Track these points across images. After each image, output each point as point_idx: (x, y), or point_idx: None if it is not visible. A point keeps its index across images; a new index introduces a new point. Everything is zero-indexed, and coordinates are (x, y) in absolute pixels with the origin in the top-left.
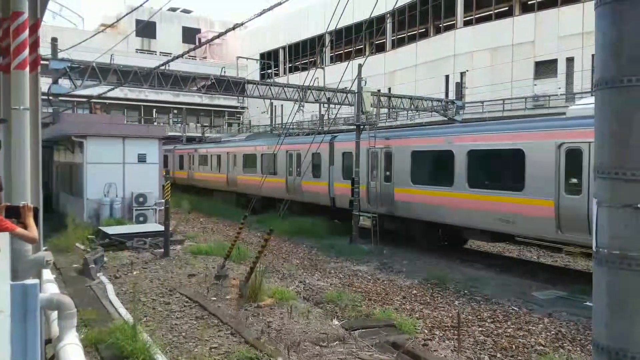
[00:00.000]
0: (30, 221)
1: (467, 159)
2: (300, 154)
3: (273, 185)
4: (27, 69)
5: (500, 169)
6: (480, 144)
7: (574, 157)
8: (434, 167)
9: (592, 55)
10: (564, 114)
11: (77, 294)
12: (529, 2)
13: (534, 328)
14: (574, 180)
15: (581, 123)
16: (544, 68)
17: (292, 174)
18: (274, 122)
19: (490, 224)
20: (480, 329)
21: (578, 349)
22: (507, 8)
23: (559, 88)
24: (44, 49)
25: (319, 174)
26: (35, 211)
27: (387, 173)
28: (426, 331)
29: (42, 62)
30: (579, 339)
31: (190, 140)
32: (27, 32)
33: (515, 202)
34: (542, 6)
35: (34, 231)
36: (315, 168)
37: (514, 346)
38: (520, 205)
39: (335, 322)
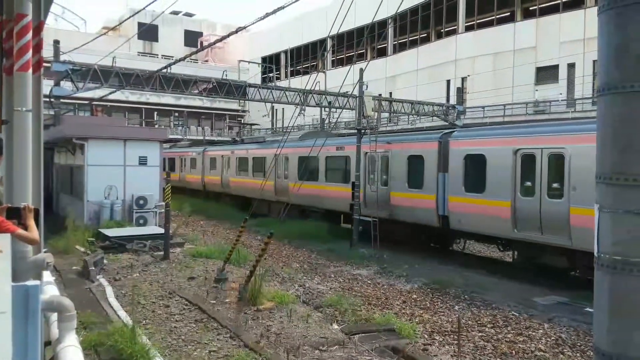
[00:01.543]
0: (31, 222)
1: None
2: (389, 157)
3: (340, 195)
4: (30, 71)
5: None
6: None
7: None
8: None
9: (594, 61)
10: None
11: (76, 296)
12: (531, 8)
13: (534, 333)
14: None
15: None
16: (546, 73)
17: (373, 182)
18: (274, 126)
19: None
20: (480, 334)
21: (578, 354)
22: (508, 14)
23: (560, 94)
24: (47, 51)
25: (420, 183)
26: (36, 212)
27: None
28: (426, 336)
29: (44, 64)
30: (579, 344)
31: (210, 142)
32: (30, 34)
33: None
34: (543, 12)
35: (34, 233)
36: (413, 175)
37: (513, 351)
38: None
39: (335, 326)
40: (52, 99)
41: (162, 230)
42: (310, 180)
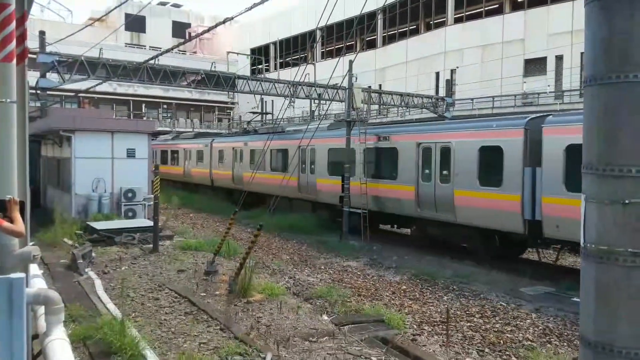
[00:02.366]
0: (17, 215)
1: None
2: (451, 148)
3: (396, 196)
4: (14, 61)
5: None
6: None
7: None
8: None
9: (581, 53)
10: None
11: (65, 289)
12: (519, 0)
13: (521, 323)
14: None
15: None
16: (534, 66)
17: (429, 178)
18: (264, 118)
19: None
20: (468, 324)
21: (565, 344)
22: (497, 6)
23: (549, 85)
24: (32, 43)
25: (497, 180)
26: (22, 205)
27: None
28: (415, 326)
29: (30, 55)
30: (566, 334)
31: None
32: (13, 24)
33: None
34: (531, 4)
35: (20, 225)
36: (486, 170)
37: (501, 341)
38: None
39: (325, 317)
40: (38, 91)
41: (151, 223)
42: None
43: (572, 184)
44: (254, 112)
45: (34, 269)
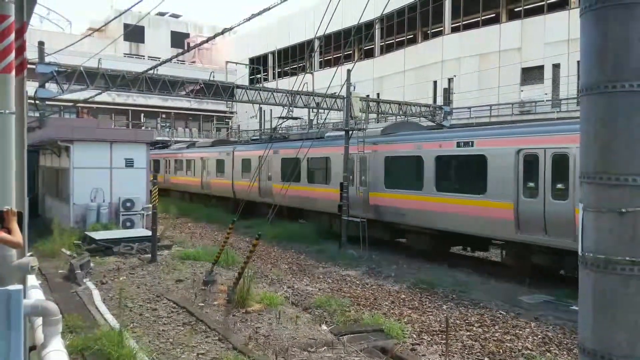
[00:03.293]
0: (14, 226)
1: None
2: (569, 155)
3: (465, 212)
4: (13, 72)
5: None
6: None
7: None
8: None
9: (578, 62)
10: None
11: (62, 300)
12: (516, 9)
13: (520, 332)
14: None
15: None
16: (531, 74)
17: (535, 193)
18: (262, 127)
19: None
20: (468, 333)
21: (564, 352)
22: (494, 15)
23: (546, 94)
24: (31, 53)
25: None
26: (20, 216)
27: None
28: (414, 336)
29: (28, 65)
30: (565, 342)
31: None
32: (13, 35)
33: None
34: (528, 13)
35: (18, 236)
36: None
37: (501, 350)
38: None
39: (324, 327)
40: (36, 101)
41: (149, 233)
42: (409, 189)
43: None
44: (283, 117)
45: (32, 279)
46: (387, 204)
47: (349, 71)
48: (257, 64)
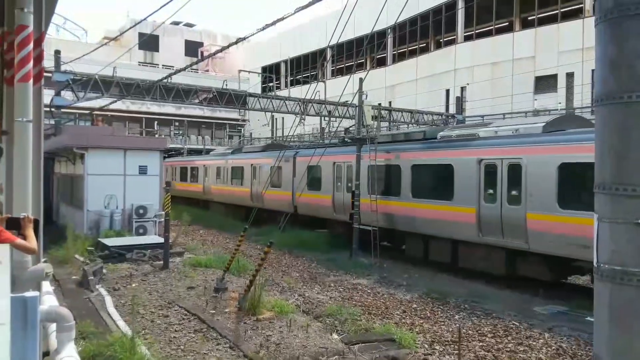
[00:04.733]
0: (30, 232)
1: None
2: None
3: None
4: (31, 81)
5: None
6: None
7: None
8: None
9: (592, 71)
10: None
11: (75, 306)
12: (529, 18)
13: (534, 343)
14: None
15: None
16: (544, 83)
17: None
18: (274, 135)
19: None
20: (480, 343)
21: None
22: (507, 23)
23: (559, 103)
24: (48, 62)
25: None
26: (36, 223)
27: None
28: (426, 346)
29: (45, 74)
30: (579, 354)
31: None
32: (31, 45)
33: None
34: (542, 22)
35: (33, 242)
36: None
37: None
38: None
39: (335, 336)
40: (52, 109)
41: (161, 240)
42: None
43: None
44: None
45: (46, 285)
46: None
47: (361, 80)
48: (270, 72)
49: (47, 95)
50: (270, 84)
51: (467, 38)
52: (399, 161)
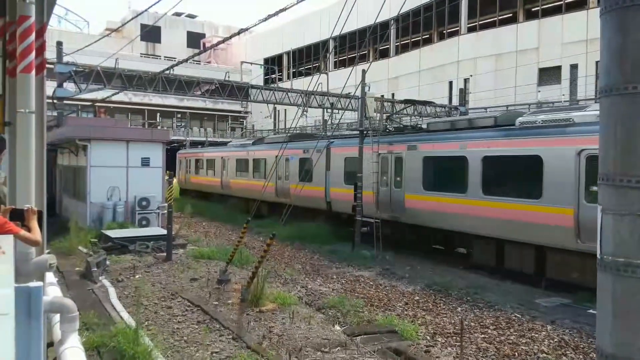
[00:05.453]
0: (34, 224)
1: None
2: None
3: None
4: (33, 72)
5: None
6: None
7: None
8: None
9: (596, 62)
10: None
11: (79, 297)
12: (533, 9)
13: (536, 335)
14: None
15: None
16: (548, 74)
17: None
18: (277, 127)
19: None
20: (482, 335)
21: (581, 356)
22: (511, 15)
23: (563, 95)
24: (50, 53)
25: None
26: (40, 214)
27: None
28: (428, 337)
29: (47, 65)
30: (582, 346)
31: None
32: (33, 36)
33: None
34: (546, 13)
35: (37, 234)
36: None
37: (516, 353)
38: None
39: (337, 327)
40: (55, 100)
41: (164, 232)
42: None
43: None
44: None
45: (50, 276)
46: None
47: (363, 71)
48: (272, 64)
49: (50, 86)
50: (273, 76)
51: (471, 29)
52: (464, 152)
